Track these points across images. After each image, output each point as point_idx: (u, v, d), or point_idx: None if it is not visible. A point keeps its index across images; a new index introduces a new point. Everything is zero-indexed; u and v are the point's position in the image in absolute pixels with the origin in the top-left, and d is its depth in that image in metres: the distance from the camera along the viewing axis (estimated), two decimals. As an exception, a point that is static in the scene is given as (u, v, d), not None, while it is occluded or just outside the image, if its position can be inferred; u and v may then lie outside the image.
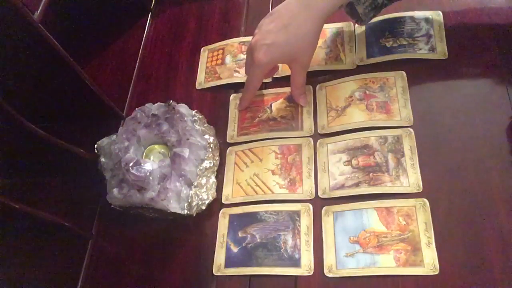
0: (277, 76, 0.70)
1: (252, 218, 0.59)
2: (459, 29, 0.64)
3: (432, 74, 0.62)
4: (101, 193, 0.66)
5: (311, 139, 0.63)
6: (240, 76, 0.72)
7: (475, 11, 0.65)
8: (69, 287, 0.62)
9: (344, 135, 0.61)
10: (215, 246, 0.59)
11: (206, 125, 0.68)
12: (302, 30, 0.59)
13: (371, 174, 0.57)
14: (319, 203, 0.58)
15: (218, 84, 0.73)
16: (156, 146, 0.65)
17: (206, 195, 0.61)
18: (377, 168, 0.57)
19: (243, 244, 0.58)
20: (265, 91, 0.70)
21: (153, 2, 0.88)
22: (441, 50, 0.63)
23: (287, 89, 0.68)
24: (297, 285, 0.54)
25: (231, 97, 0.71)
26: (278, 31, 0.59)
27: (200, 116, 0.68)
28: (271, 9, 0.77)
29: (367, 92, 0.63)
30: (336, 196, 0.57)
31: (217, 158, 0.65)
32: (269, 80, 0.70)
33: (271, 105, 0.68)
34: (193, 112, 0.68)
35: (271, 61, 0.61)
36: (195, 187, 0.61)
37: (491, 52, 0.61)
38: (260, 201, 0.60)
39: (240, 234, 0.59)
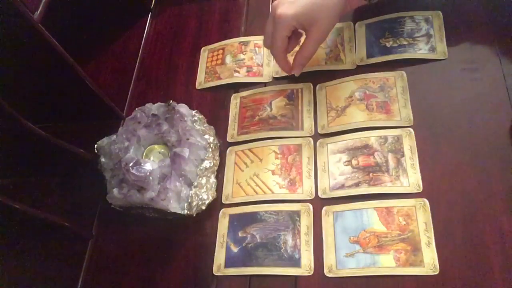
0: (277, 76, 0.70)
1: (252, 218, 0.59)
2: (459, 29, 0.64)
3: (432, 74, 0.62)
4: (101, 193, 0.66)
5: (311, 139, 0.63)
6: (240, 76, 0.72)
7: (475, 11, 0.65)
8: (69, 287, 0.62)
9: (344, 135, 0.61)
10: (215, 246, 0.59)
11: (206, 125, 0.68)
12: None
13: (371, 174, 0.57)
14: (319, 203, 0.58)
15: (218, 84, 0.73)
16: (156, 146, 0.65)
17: (206, 195, 0.61)
18: (377, 168, 0.57)
19: (243, 244, 0.58)
20: (264, 89, 0.70)
21: (153, 2, 0.88)
22: (441, 50, 0.63)
23: (286, 87, 0.68)
24: (297, 285, 0.54)
25: (232, 96, 0.71)
26: None
27: (200, 116, 0.68)
28: (271, 9, 0.78)
29: (367, 92, 0.63)
30: (336, 196, 0.57)
31: (217, 158, 0.65)
32: (269, 80, 0.70)
33: (270, 103, 0.68)
34: (193, 112, 0.68)
35: (294, 15, 0.57)
36: (195, 187, 0.61)
37: (491, 52, 0.61)
38: (260, 201, 0.60)
39: (240, 234, 0.59)
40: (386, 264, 0.52)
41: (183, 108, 0.66)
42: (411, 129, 0.59)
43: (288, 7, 0.57)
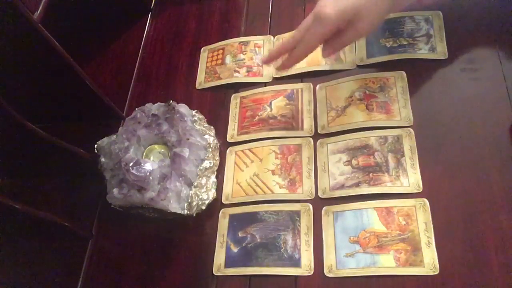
0: (277, 76, 0.70)
1: (252, 218, 0.59)
2: (459, 29, 0.64)
3: (432, 74, 0.62)
4: (101, 193, 0.66)
5: (311, 139, 0.63)
6: (240, 76, 0.72)
7: (475, 11, 0.65)
8: (69, 287, 0.62)
9: (344, 135, 0.61)
10: (215, 246, 0.59)
11: (206, 125, 0.68)
12: None
13: (371, 174, 0.57)
14: (319, 203, 0.58)
15: (218, 84, 0.73)
16: (156, 146, 0.65)
17: (206, 195, 0.61)
18: (377, 168, 0.57)
19: (243, 244, 0.58)
20: (264, 89, 0.70)
21: (153, 2, 0.88)
22: (441, 50, 0.63)
23: (286, 87, 0.68)
24: (297, 285, 0.54)
25: (232, 96, 0.71)
26: None
27: (200, 116, 0.68)
28: (271, 9, 0.78)
29: (367, 92, 0.63)
30: (336, 196, 0.57)
31: (217, 158, 0.65)
32: (269, 80, 0.70)
33: (270, 103, 0.68)
34: (193, 112, 0.68)
35: (338, 13, 0.52)
36: (195, 187, 0.61)
37: (491, 52, 0.61)
38: (260, 201, 0.60)
39: (240, 234, 0.59)
40: (386, 264, 0.52)
41: (183, 108, 0.66)
42: (411, 129, 0.59)
43: (331, 6, 0.52)
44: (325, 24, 0.53)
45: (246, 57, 0.73)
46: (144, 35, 0.83)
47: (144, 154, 0.65)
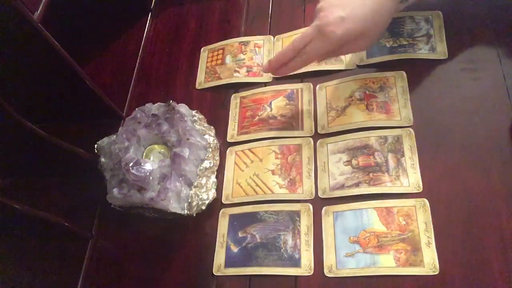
0: (276, 76, 0.70)
1: (252, 218, 0.59)
2: (459, 29, 0.64)
3: (432, 74, 0.62)
4: (101, 193, 0.66)
5: (311, 139, 0.63)
6: (240, 76, 0.72)
7: (475, 11, 0.65)
8: (69, 287, 0.62)
9: (344, 135, 0.61)
10: (215, 246, 0.59)
11: (206, 125, 0.68)
12: (383, 7, 0.54)
13: (371, 174, 0.57)
14: (319, 203, 0.58)
15: (218, 84, 0.73)
16: (156, 146, 0.65)
17: (206, 195, 0.61)
18: (377, 168, 0.57)
19: (243, 244, 0.58)
20: (264, 89, 0.70)
21: (153, 2, 0.88)
22: (441, 50, 0.63)
23: (286, 87, 0.68)
24: (297, 285, 0.54)
25: (232, 96, 0.71)
26: (355, 3, 0.53)
27: (200, 116, 0.68)
28: (271, 9, 0.78)
29: (367, 92, 0.63)
30: (336, 196, 0.57)
31: (217, 158, 0.65)
32: (269, 80, 0.70)
33: (270, 103, 0.68)
34: (193, 112, 0.68)
35: (344, 33, 0.53)
36: (195, 187, 0.61)
37: (491, 52, 0.61)
38: (260, 201, 0.60)
39: (240, 234, 0.59)
40: (386, 264, 0.52)
41: (183, 108, 0.66)
42: (411, 129, 0.59)
43: (338, 26, 0.53)
44: (329, 42, 0.54)
45: (246, 57, 0.73)
46: (144, 35, 0.83)
47: (144, 154, 0.65)
